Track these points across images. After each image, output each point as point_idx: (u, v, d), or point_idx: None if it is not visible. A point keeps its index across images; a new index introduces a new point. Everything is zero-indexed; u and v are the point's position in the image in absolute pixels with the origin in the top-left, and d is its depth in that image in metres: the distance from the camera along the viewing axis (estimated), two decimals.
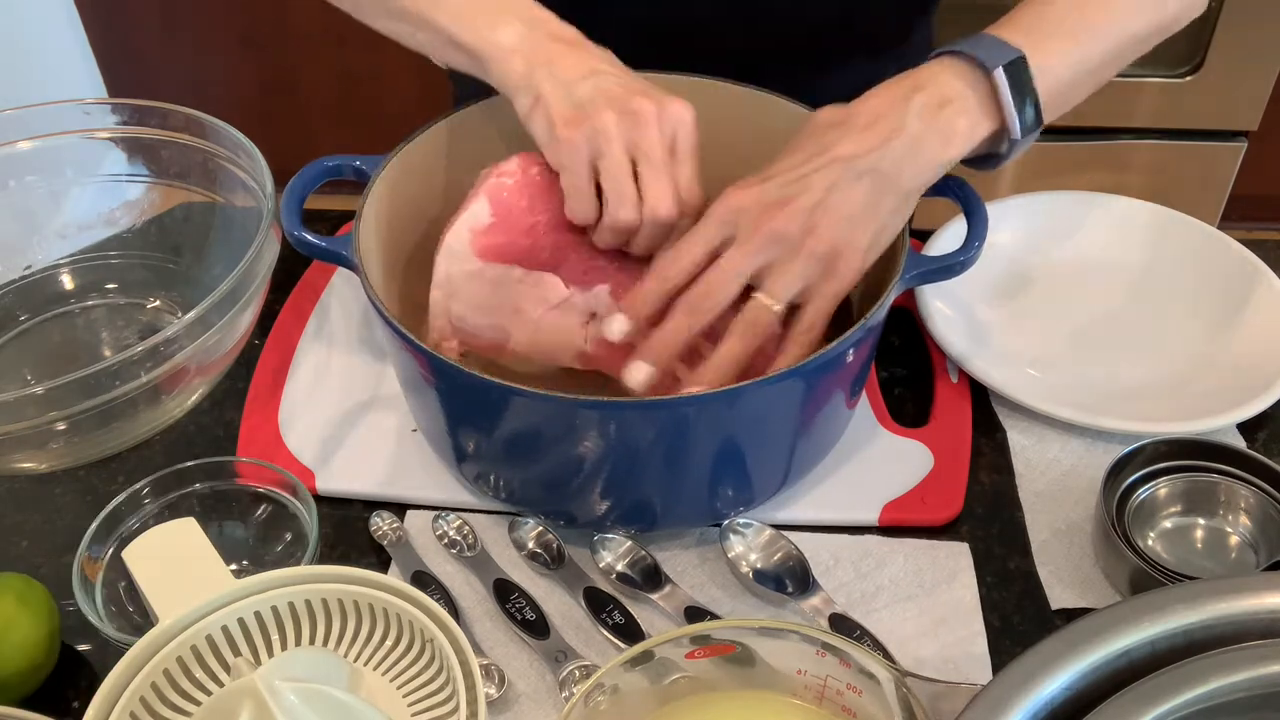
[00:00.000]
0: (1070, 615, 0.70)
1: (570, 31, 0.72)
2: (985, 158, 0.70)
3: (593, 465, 0.67)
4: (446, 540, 0.74)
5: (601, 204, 0.69)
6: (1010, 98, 0.66)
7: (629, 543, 0.72)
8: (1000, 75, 0.66)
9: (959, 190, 0.73)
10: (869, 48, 0.91)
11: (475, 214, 0.71)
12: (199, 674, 0.60)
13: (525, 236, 0.72)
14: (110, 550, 0.71)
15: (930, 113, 0.66)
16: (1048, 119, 0.69)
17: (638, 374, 0.66)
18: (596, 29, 0.72)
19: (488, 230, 0.71)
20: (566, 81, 0.68)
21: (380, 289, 0.70)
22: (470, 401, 0.68)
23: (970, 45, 0.67)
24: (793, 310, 0.67)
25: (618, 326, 0.67)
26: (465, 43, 0.71)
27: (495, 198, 0.72)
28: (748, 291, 0.66)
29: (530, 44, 0.70)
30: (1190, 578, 0.66)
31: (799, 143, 0.68)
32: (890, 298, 0.68)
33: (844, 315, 0.79)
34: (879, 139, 0.65)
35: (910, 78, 0.68)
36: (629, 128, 0.67)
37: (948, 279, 0.72)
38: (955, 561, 0.73)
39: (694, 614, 0.69)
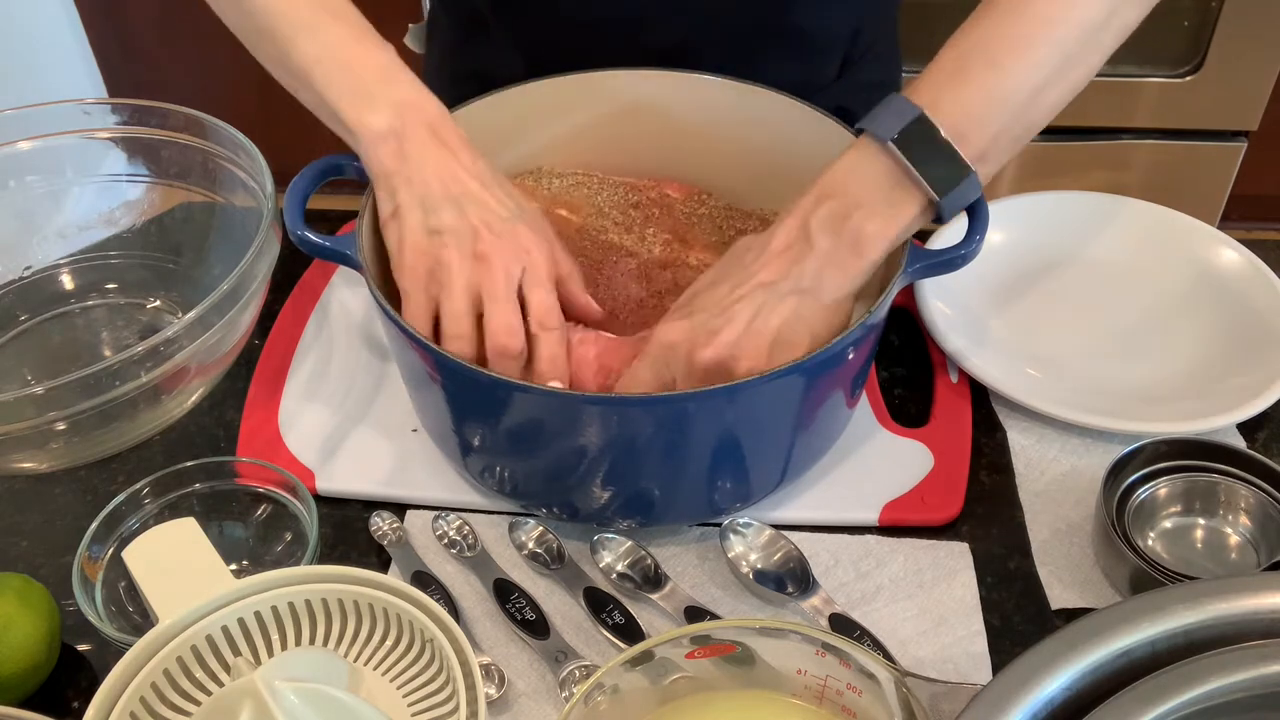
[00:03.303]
0: (1070, 615, 0.70)
1: (445, 125, 0.71)
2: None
3: (594, 458, 0.67)
4: (446, 540, 0.74)
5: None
6: (913, 165, 0.64)
7: (629, 543, 0.72)
8: (893, 148, 0.64)
9: None
10: (805, 48, 0.91)
11: None
12: (199, 674, 0.60)
13: None
14: (110, 550, 0.71)
15: (836, 224, 0.66)
16: (991, 162, 0.66)
17: None
18: (529, 23, 0.71)
19: None
20: (425, 199, 0.68)
21: (384, 288, 0.70)
22: (475, 397, 0.68)
23: (869, 118, 0.66)
24: None
25: None
26: (338, 113, 0.71)
27: None
28: None
29: (398, 135, 0.69)
30: (1190, 578, 0.66)
31: (724, 269, 0.70)
32: (892, 293, 0.68)
33: None
34: (791, 261, 0.66)
35: (821, 183, 0.67)
36: (471, 270, 0.68)
37: (949, 272, 0.72)
38: (955, 561, 0.73)
39: (694, 614, 0.69)
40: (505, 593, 0.70)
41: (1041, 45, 0.65)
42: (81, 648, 0.70)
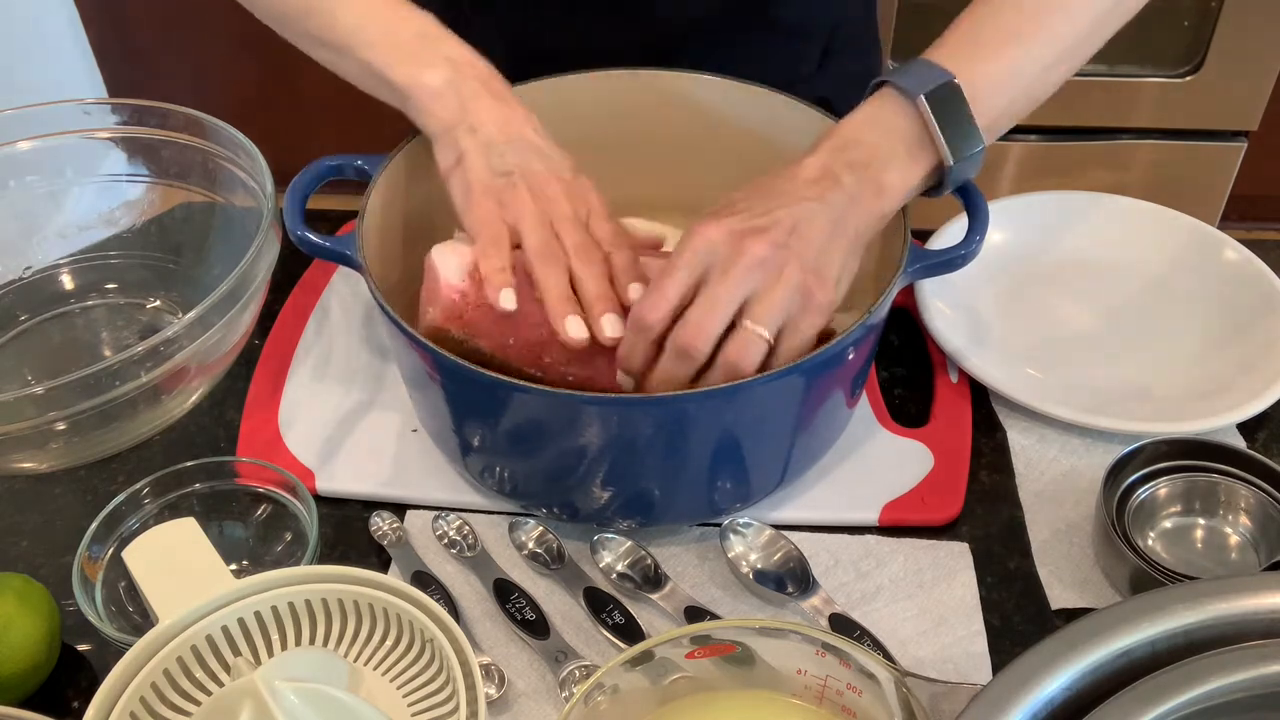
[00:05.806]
0: (1070, 615, 0.70)
1: (495, 80, 0.73)
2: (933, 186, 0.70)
3: (594, 459, 0.67)
4: (446, 540, 0.74)
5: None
6: (937, 125, 0.66)
7: (629, 543, 0.72)
8: (923, 103, 0.65)
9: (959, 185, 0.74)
10: (786, 40, 0.91)
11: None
12: (199, 674, 0.60)
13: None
14: (110, 550, 0.71)
15: (859, 169, 0.66)
16: (994, 135, 0.68)
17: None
18: (509, 14, 0.74)
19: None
20: (489, 145, 0.71)
21: (384, 288, 0.70)
22: (475, 397, 0.68)
23: (898, 74, 0.67)
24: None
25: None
26: (389, 79, 0.72)
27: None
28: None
29: (454, 89, 0.71)
30: (1190, 578, 0.66)
31: (750, 192, 0.67)
32: (893, 292, 0.68)
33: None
34: (824, 190, 0.66)
35: (841, 130, 0.68)
36: (542, 201, 0.70)
37: (949, 272, 0.72)
38: (955, 561, 0.73)
39: (694, 614, 0.69)
40: (505, 593, 0.70)
41: (1060, 20, 0.68)
42: (81, 648, 0.70)
